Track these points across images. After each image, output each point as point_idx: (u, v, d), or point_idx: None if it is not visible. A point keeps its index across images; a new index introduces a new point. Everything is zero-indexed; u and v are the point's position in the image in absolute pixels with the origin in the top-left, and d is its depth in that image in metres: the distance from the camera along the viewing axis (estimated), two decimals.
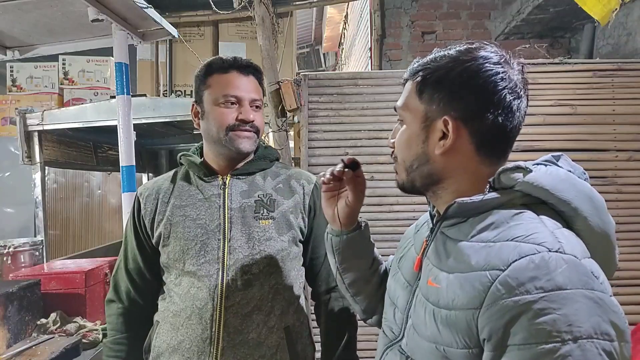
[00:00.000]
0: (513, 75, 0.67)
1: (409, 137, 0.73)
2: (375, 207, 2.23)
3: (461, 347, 0.61)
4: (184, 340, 1.04)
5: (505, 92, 0.66)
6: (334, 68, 8.28)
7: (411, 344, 0.71)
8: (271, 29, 2.73)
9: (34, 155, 2.46)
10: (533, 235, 0.60)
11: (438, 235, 0.73)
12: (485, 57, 0.67)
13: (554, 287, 0.54)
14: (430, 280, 0.69)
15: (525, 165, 0.66)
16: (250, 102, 1.10)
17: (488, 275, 0.59)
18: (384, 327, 0.82)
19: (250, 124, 1.08)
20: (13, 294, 1.74)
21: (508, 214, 0.65)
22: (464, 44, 0.71)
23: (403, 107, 0.74)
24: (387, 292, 0.86)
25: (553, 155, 0.70)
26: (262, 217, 1.09)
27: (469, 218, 0.68)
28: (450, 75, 0.67)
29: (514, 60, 0.69)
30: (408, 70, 0.75)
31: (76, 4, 1.75)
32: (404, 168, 0.74)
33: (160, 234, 1.10)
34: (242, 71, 1.10)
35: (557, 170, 0.66)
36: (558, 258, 0.56)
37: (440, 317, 0.64)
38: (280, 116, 2.42)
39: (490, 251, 0.61)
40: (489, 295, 0.58)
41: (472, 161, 0.69)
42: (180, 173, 1.17)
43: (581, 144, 2.19)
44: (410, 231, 0.90)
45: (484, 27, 3.74)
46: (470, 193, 0.68)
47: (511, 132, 0.68)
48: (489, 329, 0.57)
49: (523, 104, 0.68)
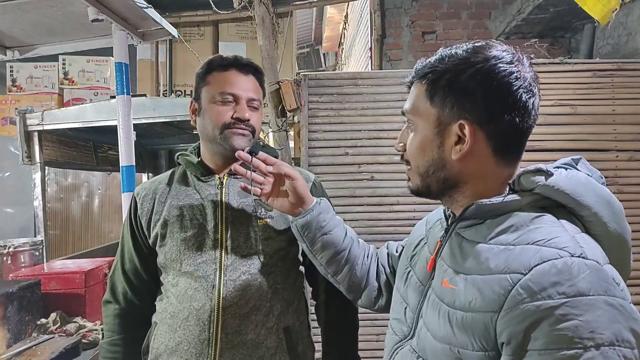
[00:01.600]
0: (526, 73, 0.66)
1: (422, 142, 0.71)
2: (375, 207, 2.22)
3: (477, 350, 0.61)
4: (182, 341, 1.03)
5: (521, 91, 0.64)
6: (334, 68, 8.27)
7: (422, 343, 0.71)
8: (271, 29, 2.73)
9: (34, 155, 2.45)
10: (555, 240, 0.59)
11: (453, 236, 0.72)
12: (497, 56, 0.65)
13: (576, 293, 0.54)
14: (445, 281, 0.68)
15: (547, 169, 0.65)
16: (248, 101, 1.08)
17: (509, 279, 0.58)
18: (393, 324, 0.82)
19: (246, 123, 1.07)
20: (13, 294, 1.74)
21: (528, 217, 0.64)
22: (471, 43, 0.69)
23: (412, 111, 0.73)
24: (397, 288, 0.86)
25: (572, 159, 0.69)
26: (260, 216, 1.08)
27: (486, 220, 0.67)
28: (463, 77, 0.66)
29: (524, 56, 0.68)
30: (413, 71, 0.74)
31: (76, 4, 1.75)
32: (418, 174, 0.73)
33: (157, 234, 1.09)
34: (241, 70, 1.10)
35: (577, 174, 0.66)
36: (581, 263, 0.56)
37: (456, 319, 0.64)
38: (280, 116, 2.42)
39: (511, 254, 0.60)
40: (510, 299, 0.57)
41: (489, 164, 0.68)
42: (177, 173, 1.16)
43: (581, 144, 2.19)
44: (421, 226, 0.89)
45: (484, 26, 3.74)
46: (487, 195, 0.67)
47: (527, 131, 0.68)
48: (508, 333, 0.57)
49: (537, 101, 0.67)
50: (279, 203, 0.98)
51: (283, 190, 0.98)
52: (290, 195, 0.96)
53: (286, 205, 0.97)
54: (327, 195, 1.21)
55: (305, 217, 0.95)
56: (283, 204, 0.98)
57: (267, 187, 0.98)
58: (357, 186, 2.24)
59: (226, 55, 1.11)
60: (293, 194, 0.96)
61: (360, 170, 2.25)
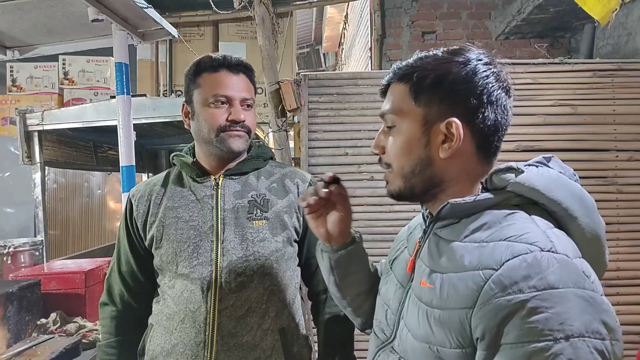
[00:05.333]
0: (503, 75, 0.69)
1: (407, 142, 0.71)
2: (375, 207, 2.23)
3: (454, 347, 0.62)
4: (177, 343, 1.03)
5: (501, 91, 0.67)
6: (334, 68, 8.27)
7: (403, 344, 0.71)
8: (271, 29, 2.73)
9: (34, 155, 2.45)
10: (525, 235, 0.60)
11: (431, 236, 0.73)
12: (477, 58, 0.68)
13: (546, 286, 0.54)
14: (423, 280, 0.69)
15: (517, 166, 0.67)
16: (241, 101, 1.08)
17: (481, 275, 0.59)
18: (375, 328, 0.82)
19: (242, 124, 1.06)
20: (13, 294, 1.74)
21: (500, 214, 0.65)
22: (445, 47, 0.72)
23: (394, 112, 0.72)
24: (379, 293, 0.86)
25: (544, 157, 0.71)
26: (255, 217, 1.08)
27: (462, 219, 0.68)
28: (449, 76, 0.67)
29: (499, 58, 0.71)
30: (391, 73, 0.74)
31: (76, 4, 1.75)
32: (400, 175, 0.72)
33: (152, 236, 1.08)
34: (232, 70, 1.08)
35: (549, 171, 0.67)
36: (550, 257, 0.57)
37: (434, 317, 0.65)
38: (280, 116, 2.42)
39: (484, 251, 0.62)
40: (482, 295, 0.58)
41: (472, 161, 0.69)
42: (172, 174, 1.15)
43: (581, 144, 2.19)
44: (403, 233, 0.90)
45: (484, 26, 3.74)
46: (468, 193, 0.69)
47: (504, 130, 0.70)
48: (482, 328, 0.58)
49: (511, 102, 0.70)
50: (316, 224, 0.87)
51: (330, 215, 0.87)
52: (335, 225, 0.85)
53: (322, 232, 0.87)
54: None
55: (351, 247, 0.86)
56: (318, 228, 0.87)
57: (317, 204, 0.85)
58: (357, 186, 2.24)
59: (215, 56, 1.09)
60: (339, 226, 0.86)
61: (360, 170, 2.25)
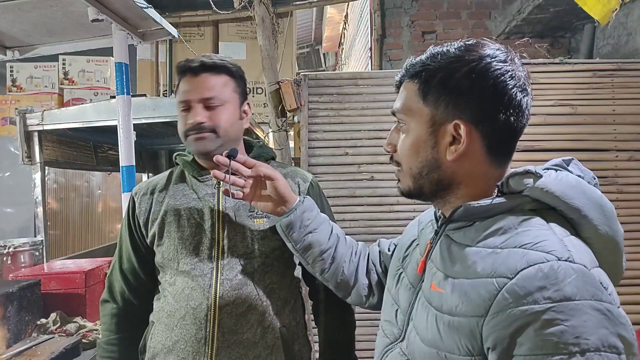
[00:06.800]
0: (520, 72, 0.65)
1: (415, 142, 0.69)
2: (375, 207, 2.23)
3: (463, 354, 0.60)
4: (178, 340, 1.04)
5: (516, 90, 0.64)
6: (334, 68, 8.28)
7: (411, 347, 0.70)
8: (271, 29, 2.73)
9: (34, 155, 2.45)
10: (542, 243, 0.58)
11: (443, 238, 0.71)
12: (491, 55, 0.64)
13: (562, 298, 0.53)
14: (434, 284, 0.68)
15: (536, 170, 0.64)
16: (200, 101, 1.04)
17: (495, 283, 0.57)
18: (384, 326, 0.81)
19: (200, 126, 1.03)
20: (13, 294, 1.73)
21: (516, 220, 0.63)
22: (462, 41, 0.68)
23: (404, 111, 0.71)
24: (388, 289, 0.85)
25: (564, 160, 0.67)
26: (256, 215, 1.08)
27: (475, 222, 0.66)
28: (457, 76, 0.64)
29: (516, 55, 0.67)
30: (403, 70, 0.72)
31: (76, 4, 1.75)
32: (409, 175, 0.71)
33: (154, 233, 1.09)
34: (193, 72, 1.06)
35: (568, 175, 0.64)
36: (567, 267, 0.55)
37: (443, 323, 0.63)
38: (280, 116, 2.42)
39: (498, 258, 0.60)
40: (495, 304, 0.56)
41: (483, 164, 0.67)
42: (175, 173, 1.16)
43: (581, 144, 2.19)
44: (414, 227, 0.88)
45: (484, 26, 3.74)
46: (480, 196, 0.66)
47: (520, 131, 0.67)
48: (494, 338, 0.56)
49: (530, 100, 0.66)
50: (262, 204, 0.97)
51: (265, 191, 0.97)
52: (272, 195, 0.95)
53: (269, 206, 0.96)
54: (324, 196, 1.20)
55: (288, 216, 0.94)
56: (266, 205, 0.97)
57: (248, 190, 0.97)
58: (357, 186, 2.24)
59: (185, 60, 1.08)
60: (275, 194, 0.95)
61: (360, 170, 2.25)
